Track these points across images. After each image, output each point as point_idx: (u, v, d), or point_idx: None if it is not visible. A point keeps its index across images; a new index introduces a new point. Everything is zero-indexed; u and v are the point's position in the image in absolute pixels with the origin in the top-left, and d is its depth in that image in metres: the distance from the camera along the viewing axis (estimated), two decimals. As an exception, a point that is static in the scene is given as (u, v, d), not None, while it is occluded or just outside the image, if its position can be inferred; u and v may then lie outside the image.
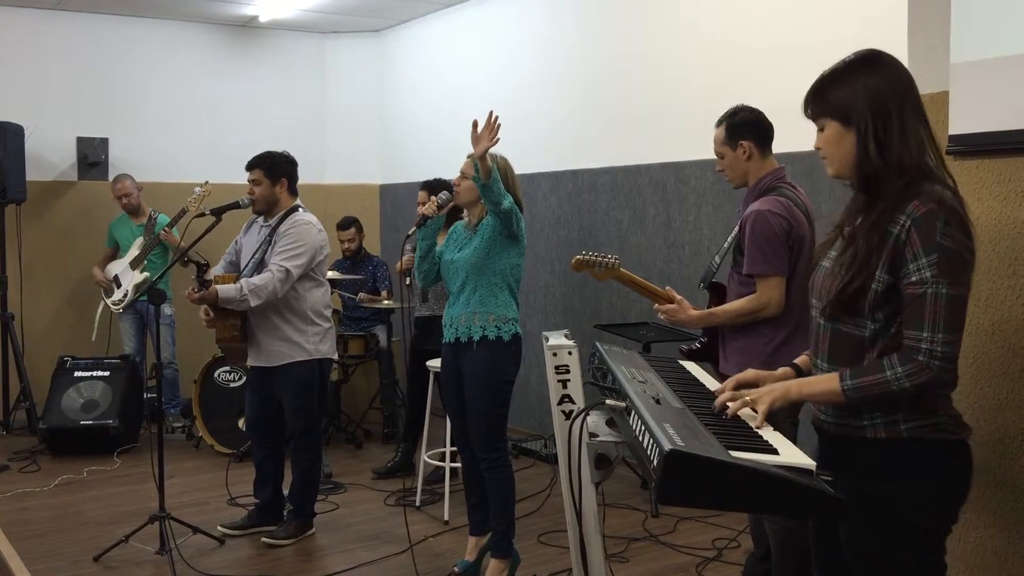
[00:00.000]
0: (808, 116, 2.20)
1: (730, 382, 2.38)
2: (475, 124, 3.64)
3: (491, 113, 3.64)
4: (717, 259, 3.57)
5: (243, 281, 4.34)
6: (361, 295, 6.48)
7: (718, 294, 3.57)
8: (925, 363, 1.99)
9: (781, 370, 2.43)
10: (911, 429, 2.06)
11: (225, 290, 4.30)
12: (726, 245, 3.51)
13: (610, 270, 3.46)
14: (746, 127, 3.42)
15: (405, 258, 5.69)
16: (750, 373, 2.41)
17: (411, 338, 5.65)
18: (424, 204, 5.35)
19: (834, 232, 2.24)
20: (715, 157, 3.55)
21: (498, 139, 3.65)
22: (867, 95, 2.07)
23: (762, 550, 3.59)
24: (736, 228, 3.44)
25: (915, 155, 2.07)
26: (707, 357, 3.59)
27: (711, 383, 2.61)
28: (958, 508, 2.13)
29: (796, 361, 2.44)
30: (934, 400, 2.08)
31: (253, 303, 4.33)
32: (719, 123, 3.49)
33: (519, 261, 3.97)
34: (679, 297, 3.41)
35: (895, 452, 2.08)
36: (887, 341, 2.07)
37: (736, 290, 3.41)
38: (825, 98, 2.13)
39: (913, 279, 2.01)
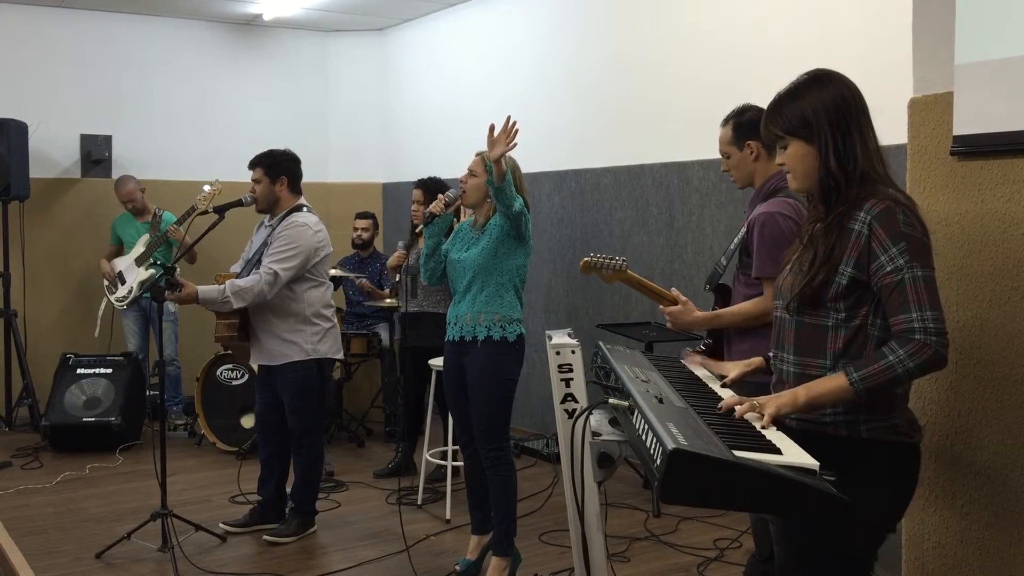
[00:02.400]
0: (767, 136, 2.30)
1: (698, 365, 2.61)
2: (492, 128, 3.62)
3: (508, 118, 3.61)
4: (723, 261, 3.53)
5: (229, 282, 4.35)
6: (363, 281, 6.48)
7: (724, 296, 3.54)
8: (923, 341, 2.06)
9: (755, 359, 2.56)
10: (870, 430, 2.16)
11: (207, 291, 4.31)
12: (732, 247, 3.46)
13: (618, 272, 3.44)
14: (754, 127, 3.30)
15: (396, 255, 5.71)
16: (715, 368, 2.62)
17: (400, 335, 5.65)
18: (419, 203, 5.42)
19: (798, 241, 2.34)
20: (718, 157, 3.52)
21: (515, 144, 3.63)
22: (825, 110, 2.18)
23: (765, 551, 3.58)
24: (742, 229, 3.40)
25: (874, 163, 2.19)
26: (712, 359, 3.57)
27: (714, 383, 2.61)
28: (903, 509, 2.24)
29: (770, 353, 2.50)
30: (892, 401, 2.17)
31: (236, 304, 4.33)
32: (725, 122, 3.43)
33: (525, 261, 3.99)
34: (684, 299, 3.37)
35: (852, 451, 2.17)
36: (850, 332, 2.17)
37: (742, 292, 3.36)
38: (784, 117, 2.23)
39: (888, 269, 2.10)
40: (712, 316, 3.37)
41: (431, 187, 5.41)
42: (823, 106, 2.18)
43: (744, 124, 3.38)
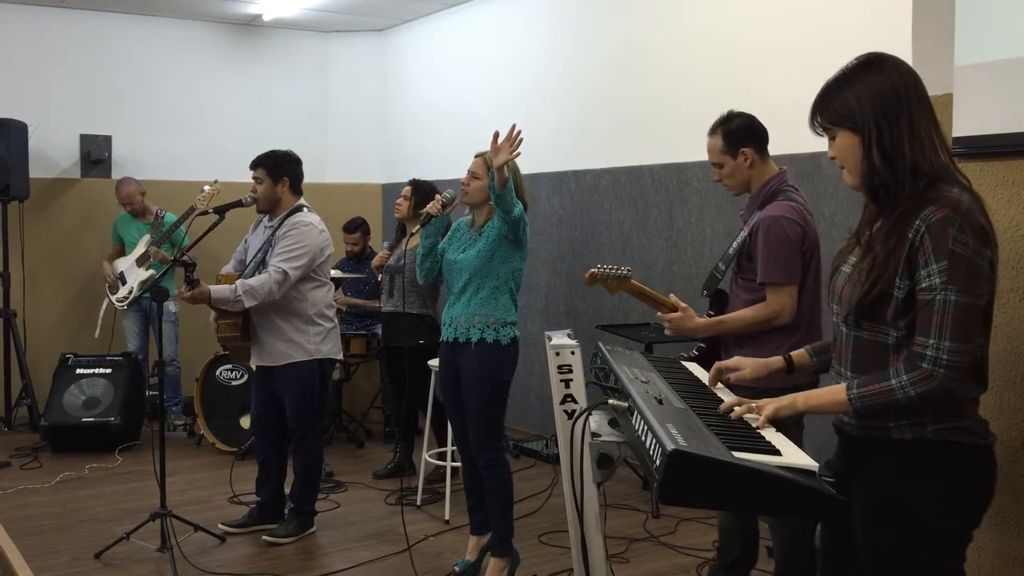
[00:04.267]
0: (816, 128, 2.16)
1: (714, 370, 2.51)
2: (496, 135, 3.66)
3: (513, 127, 3.65)
4: (722, 266, 3.49)
5: (239, 282, 4.35)
6: (357, 302, 6.49)
7: (720, 302, 3.49)
8: (929, 371, 1.96)
9: (775, 359, 2.46)
10: (937, 431, 2.03)
11: (219, 290, 4.31)
12: (731, 251, 3.45)
13: (622, 281, 3.41)
14: (744, 134, 3.35)
15: (380, 254, 5.73)
16: (733, 360, 2.48)
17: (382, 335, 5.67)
18: (406, 198, 5.45)
19: (852, 239, 2.19)
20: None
21: (519, 153, 3.67)
22: (871, 100, 2.03)
23: (728, 559, 3.58)
24: (742, 233, 3.37)
25: (928, 156, 2.03)
26: (707, 364, 3.55)
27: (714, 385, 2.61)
28: (981, 513, 2.10)
29: (792, 354, 2.45)
30: (961, 403, 2.05)
31: (248, 303, 4.33)
32: (713, 131, 3.41)
33: (521, 265, 4.00)
34: (683, 305, 3.32)
35: (920, 454, 2.05)
36: (911, 349, 2.02)
37: (742, 297, 3.34)
38: (831, 107, 2.09)
39: (923, 285, 1.98)
40: (714, 322, 3.32)
41: (422, 187, 5.44)
42: (868, 94, 2.03)
43: (734, 132, 3.35)
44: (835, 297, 2.20)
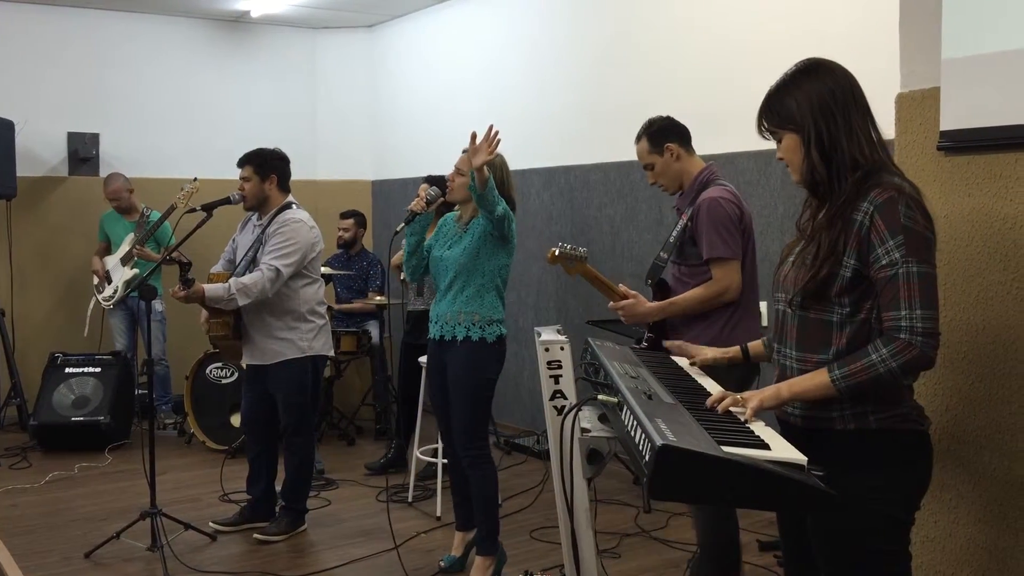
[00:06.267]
0: (763, 132, 2.28)
1: (678, 345, 2.67)
2: (473, 136, 3.65)
3: (491, 127, 3.64)
4: (663, 254, 3.63)
5: (232, 280, 4.34)
6: (341, 306, 6.51)
7: (663, 290, 3.63)
8: (908, 340, 2.03)
9: (733, 348, 2.58)
10: (880, 420, 2.13)
11: (213, 289, 4.31)
12: (672, 240, 3.56)
13: (578, 263, 3.52)
14: (667, 131, 3.56)
15: (398, 253, 5.71)
16: (695, 348, 2.64)
17: (404, 333, 5.65)
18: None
19: (799, 233, 2.30)
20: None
21: (496, 154, 3.68)
22: (810, 103, 2.16)
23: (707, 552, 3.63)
24: (682, 221, 3.51)
25: (866, 152, 2.15)
26: (656, 351, 3.61)
27: (703, 379, 2.61)
28: (921, 497, 2.21)
29: (748, 345, 2.56)
30: (899, 391, 2.15)
31: (241, 302, 4.33)
32: (638, 138, 3.61)
33: (508, 261, 3.99)
34: (633, 292, 3.48)
35: (864, 444, 2.14)
36: (855, 327, 2.14)
37: (687, 283, 3.47)
38: (774, 111, 2.22)
39: (883, 262, 2.07)
40: (666, 304, 3.47)
41: (438, 182, 5.39)
42: (807, 97, 2.16)
43: (657, 132, 3.57)
44: (779, 285, 2.30)
